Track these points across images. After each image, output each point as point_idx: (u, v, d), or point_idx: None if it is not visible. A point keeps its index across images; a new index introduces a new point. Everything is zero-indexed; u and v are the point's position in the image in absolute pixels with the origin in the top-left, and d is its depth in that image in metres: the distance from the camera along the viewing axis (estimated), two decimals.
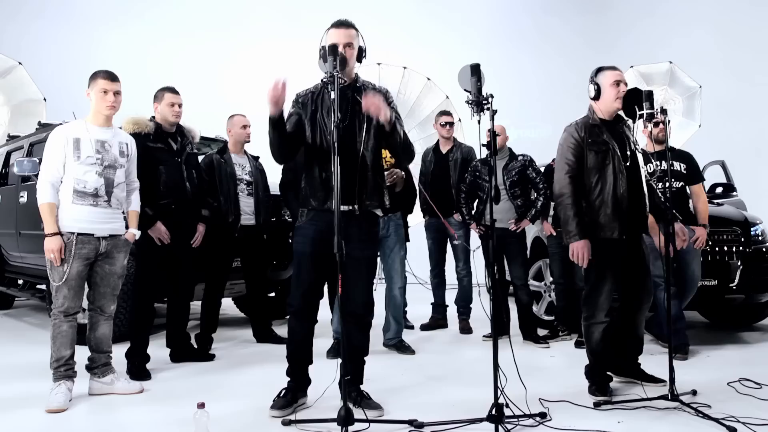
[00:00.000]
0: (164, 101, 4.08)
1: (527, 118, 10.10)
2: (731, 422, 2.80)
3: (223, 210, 4.58)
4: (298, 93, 3.16)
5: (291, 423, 2.90)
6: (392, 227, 4.58)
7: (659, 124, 3.66)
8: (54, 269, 3.26)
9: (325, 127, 3.02)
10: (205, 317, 4.62)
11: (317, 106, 3.07)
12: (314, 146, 3.05)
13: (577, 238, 3.22)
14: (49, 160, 3.30)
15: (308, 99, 3.11)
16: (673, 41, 9.47)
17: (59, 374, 3.30)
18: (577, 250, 3.22)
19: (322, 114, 3.04)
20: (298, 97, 3.15)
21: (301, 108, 3.11)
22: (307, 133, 3.07)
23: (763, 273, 4.73)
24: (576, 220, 3.22)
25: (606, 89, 3.31)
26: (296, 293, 3.11)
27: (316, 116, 3.06)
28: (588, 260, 3.21)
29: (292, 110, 3.14)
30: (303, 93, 3.16)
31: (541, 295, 5.35)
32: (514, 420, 2.85)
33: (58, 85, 7.84)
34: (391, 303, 4.61)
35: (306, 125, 3.08)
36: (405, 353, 4.50)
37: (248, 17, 10.19)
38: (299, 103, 3.12)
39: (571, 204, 3.24)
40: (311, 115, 3.07)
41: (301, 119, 3.09)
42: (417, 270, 5.84)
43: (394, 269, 4.61)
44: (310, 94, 3.12)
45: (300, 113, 3.11)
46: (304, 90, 3.17)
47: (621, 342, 3.49)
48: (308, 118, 3.07)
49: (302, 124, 3.09)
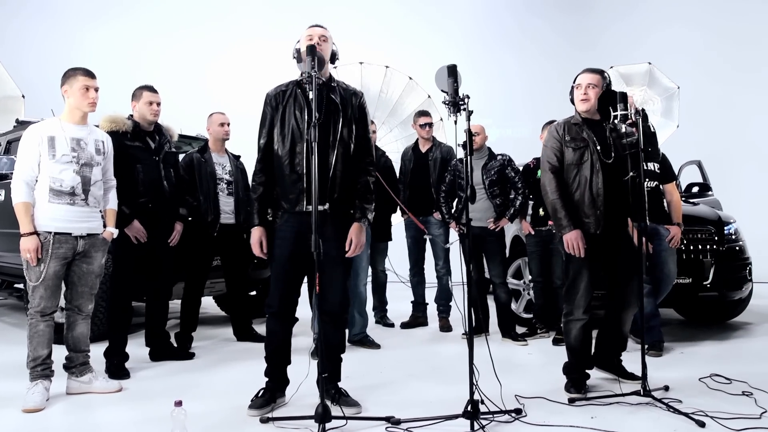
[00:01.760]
0: (142, 100, 4.07)
1: (510, 117, 10.17)
2: (700, 416, 2.88)
3: (203, 209, 4.58)
4: (269, 93, 3.14)
5: (269, 420, 2.91)
6: None
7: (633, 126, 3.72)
8: (30, 269, 3.25)
9: (297, 128, 3.02)
10: (184, 316, 4.62)
11: (288, 105, 3.06)
12: (284, 147, 3.03)
13: (569, 229, 3.30)
14: (24, 159, 3.28)
15: (280, 99, 3.09)
16: (652, 40, 9.57)
17: (36, 374, 3.29)
18: (570, 241, 3.29)
19: (294, 114, 3.03)
20: (269, 98, 3.13)
21: (273, 110, 3.10)
22: (276, 134, 3.06)
23: (736, 271, 4.83)
24: (564, 212, 3.32)
25: (574, 91, 3.45)
26: (275, 294, 3.11)
27: (287, 116, 3.05)
28: (584, 249, 3.27)
29: (264, 111, 3.13)
30: (273, 92, 3.13)
31: (520, 293, 5.41)
32: (490, 416, 2.89)
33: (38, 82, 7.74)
34: (356, 299, 4.65)
35: (276, 126, 3.07)
36: (371, 347, 4.61)
37: (232, 16, 10.14)
38: (271, 105, 3.10)
39: (557, 198, 3.34)
40: (282, 115, 3.06)
41: (272, 122, 3.09)
42: (397, 268, 5.87)
43: (361, 266, 4.69)
44: (281, 93, 3.10)
45: (272, 115, 3.09)
46: (274, 89, 3.14)
47: (605, 337, 3.55)
48: (279, 119, 3.06)
49: (273, 127, 3.08)
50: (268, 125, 3.11)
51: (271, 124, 3.09)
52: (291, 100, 3.07)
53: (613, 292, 3.49)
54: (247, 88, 7.60)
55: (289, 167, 3.03)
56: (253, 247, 3.10)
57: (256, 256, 3.13)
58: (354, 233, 3.06)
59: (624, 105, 3.19)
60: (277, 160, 3.07)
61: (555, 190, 3.36)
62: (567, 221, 3.31)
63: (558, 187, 3.36)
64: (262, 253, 3.09)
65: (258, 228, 3.10)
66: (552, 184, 3.37)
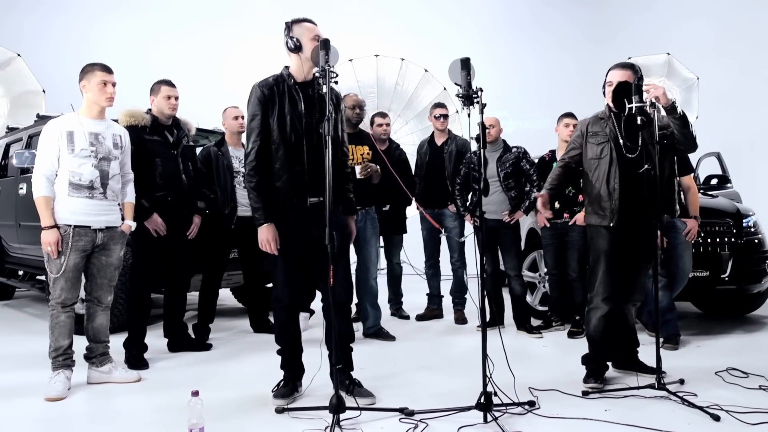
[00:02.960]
0: (161, 94, 4.12)
1: (526, 110, 10.12)
2: (715, 410, 2.86)
3: (220, 202, 4.63)
4: (257, 89, 3.05)
5: (284, 411, 2.95)
6: (368, 220, 4.69)
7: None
8: (51, 261, 3.31)
9: (298, 122, 3.01)
10: (202, 307, 4.69)
11: (284, 100, 3.02)
12: (283, 143, 3.01)
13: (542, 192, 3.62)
14: (44, 154, 3.34)
15: (273, 94, 3.03)
16: (671, 33, 9.46)
17: (58, 363, 3.37)
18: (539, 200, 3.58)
19: (291, 108, 3.01)
20: (261, 93, 3.03)
21: (265, 105, 3.03)
22: (275, 129, 3.01)
23: (755, 264, 4.78)
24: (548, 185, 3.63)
25: (606, 87, 3.46)
26: (283, 288, 3.13)
27: (284, 111, 3.01)
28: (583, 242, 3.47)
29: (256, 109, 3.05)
30: (262, 84, 3.05)
31: (536, 286, 5.41)
32: (503, 408, 2.91)
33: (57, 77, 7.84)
34: (367, 293, 4.68)
35: (273, 122, 3.01)
36: (385, 339, 4.62)
37: (246, 9, 10.18)
38: (262, 101, 3.03)
39: (548, 188, 3.62)
40: (279, 110, 3.02)
41: (266, 119, 3.03)
42: (413, 261, 5.89)
43: (370, 260, 4.70)
44: (271, 88, 3.04)
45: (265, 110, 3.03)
46: (261, 83, 3.06)
47: (618, 334, 3.55)
48: (276, 114, 3.01)
49: (267, 124, 3.03)
50: (261, 122, 3.02)
51: (265, 121, 3.02)
52: (284, 95, 3.03)
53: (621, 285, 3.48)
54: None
55: (291, 162, 3.01)
56: (266, 246, 3.04)
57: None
58: (351, 227, 3.25)
59: (639, 97, 3.16)
60: (275, 155, 3.02)
61: (553, 180, 3.60)
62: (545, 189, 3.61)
63: (557, 179, 3.58)
64: (276, 250, 3.06)
65: (268, 225, 3.05)
66: (553, 174, 3.61)
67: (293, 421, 2.86)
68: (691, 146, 3.37)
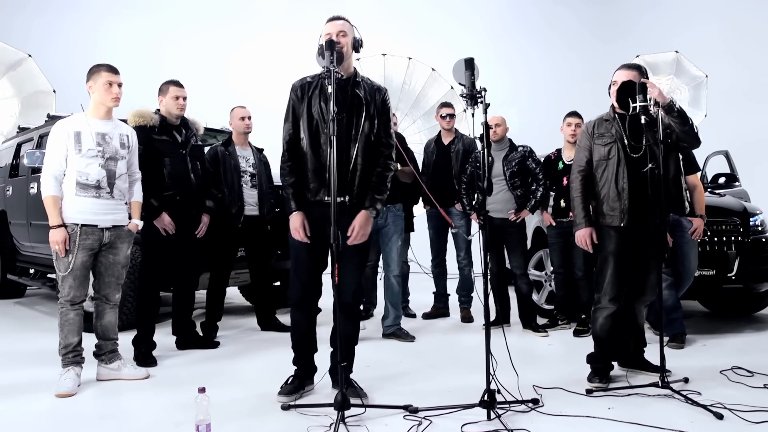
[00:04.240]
0: (169, 94, 4.16)
1: (533, 108, 10.09)
2: (718, 408, 2.87)
3: (227, 201, 4.66)
4: (294, 83, 3.16)
5: (290, 408, 2.99)
6: (390, 217, 4.68)
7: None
8: (59, 260, 3.36)
9: (322, 120, 3.06)
10: (210, 306, 4.73)
11: (314, 97, 3.08)
12: (308, 138, 3.07)
13: (582, 226, 3.44)
14: (52, 154, 3.39)
15: (305, 90, 3.11)
16: (679, 31, 9.42)
17: (67, 360, 3.42)
18: (579, 238, 3.45)
19: (320, 106, 3.07)
20: (294, 88, 3.15)
21: (298, 100, 3.12)
22: (303, 125, 3.09)
23: (762, 263, 4.77)
24: (583, 212, 3.45)
25: (611, 87, 3.46)
26: (296, 285, 3.17)
27: (312, 108, 3.08)
28: (592, 245, 3.42)
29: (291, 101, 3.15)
30: (299, 83, 3.15)
31: (542, 285, 5.42)
32: (506, 405, 2.93)
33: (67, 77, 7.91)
34: (388, 290, 4.70)
35: (302, 117, 3.09)
36: (405, 340, 4.60)
37: (253, 7, 10.21)
38: (296, 95, 3.13)
39: (578, 197, 3.48)
40: (308, 106, 3.09)
41: (297, 112, 3.12)
42: (420, 259, 5.91)
43: (391, 258, 4.71)
44: (307, 84, 3.12)
45: (296, 105, 3.12)
46: (299, 80, 3.16)
47: (625, 333, 3.56)
48: (305, 110, 3.09)
49: (298, 117, 3.11)
50: (293, 115, 3.13)
51: (296, 115, 3.12)
52: (317, 91, 3.08)
53: (632, 283, 3.49)
54: (271, 80, 7.68)
55: (312, 158, 3.06)
56: (296, 232, 3.05)
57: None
58: (358, 221, 3.05)
59: (644, 96, 3.16)
60: (301, 150, 3.10)
61: (578, 188, 3.49)
62: (581, 218, 3.46)
63: (582, 188, 3.48)
64: (306, 237, 3.06)
65: (298, 213, 3.07)
66: (576, 182, 3.50)
67: (299, 417, 2.88)
68: (693, 142, 3.36)
